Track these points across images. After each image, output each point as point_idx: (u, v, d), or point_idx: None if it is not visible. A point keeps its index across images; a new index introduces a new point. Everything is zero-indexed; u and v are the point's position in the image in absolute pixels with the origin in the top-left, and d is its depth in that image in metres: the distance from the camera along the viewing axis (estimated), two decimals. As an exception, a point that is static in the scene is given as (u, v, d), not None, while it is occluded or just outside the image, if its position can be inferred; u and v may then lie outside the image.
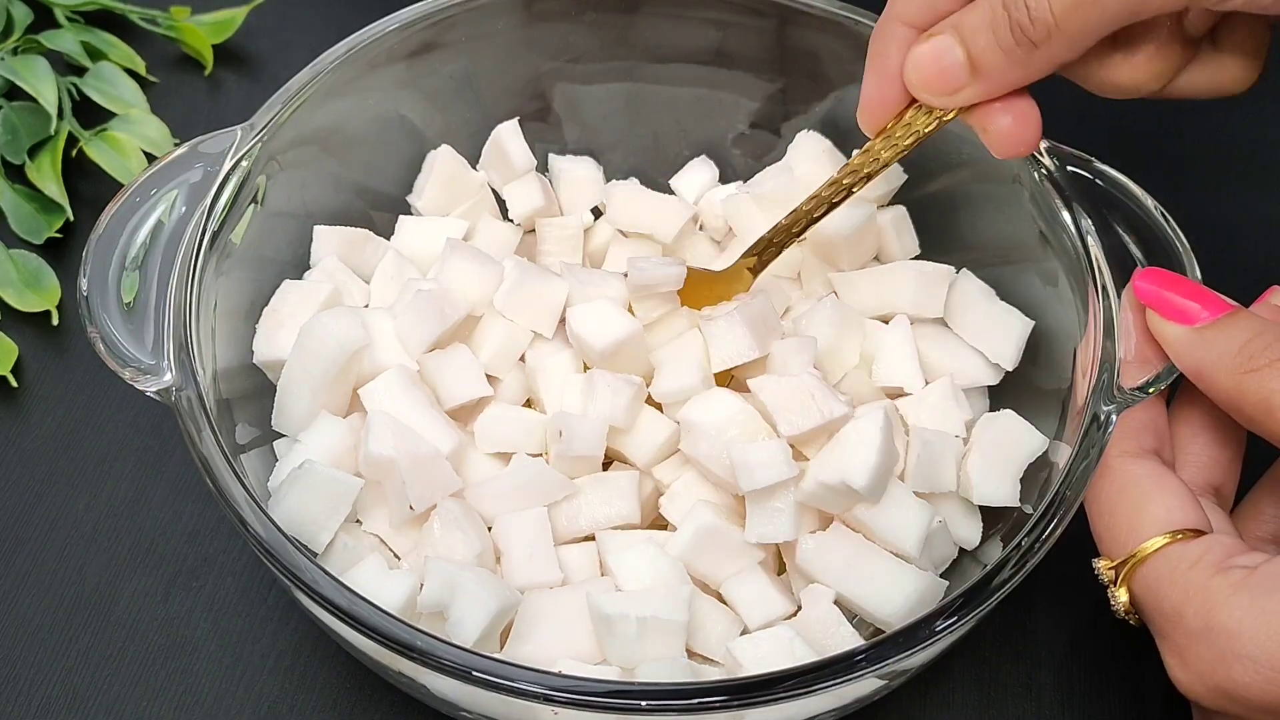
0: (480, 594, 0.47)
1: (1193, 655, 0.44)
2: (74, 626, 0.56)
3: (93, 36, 0.72)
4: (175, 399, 0.48)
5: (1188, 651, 0.44)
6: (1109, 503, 0.48)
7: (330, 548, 0.51)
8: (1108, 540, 0.47)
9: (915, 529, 0.50)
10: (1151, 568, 0.45)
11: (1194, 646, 0.44)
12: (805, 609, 0.50)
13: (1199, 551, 0.45)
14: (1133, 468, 0.48)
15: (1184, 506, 0.46)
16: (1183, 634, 0.44)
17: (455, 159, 0.61)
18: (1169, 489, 0.47)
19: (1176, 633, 0.44)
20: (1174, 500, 0.46)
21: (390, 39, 0.58)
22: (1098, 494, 0.48)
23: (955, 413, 0.54)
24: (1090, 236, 0.52)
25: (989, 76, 0.48)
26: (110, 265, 0.50)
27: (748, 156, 0.65)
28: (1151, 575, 0.45)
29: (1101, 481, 0.48)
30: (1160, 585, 0.45)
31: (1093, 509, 0.48)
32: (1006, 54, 0.47)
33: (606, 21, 0.62)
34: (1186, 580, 0.44)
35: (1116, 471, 0.48)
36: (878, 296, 0.57)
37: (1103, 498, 0.48)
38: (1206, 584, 0.44)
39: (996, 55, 0.47)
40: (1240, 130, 0.75)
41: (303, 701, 0.54)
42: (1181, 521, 0.46)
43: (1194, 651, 0.44)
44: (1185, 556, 0.45)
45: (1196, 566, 0.44)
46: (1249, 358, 0.46)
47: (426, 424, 0.52)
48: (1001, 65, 0.47)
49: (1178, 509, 0.46)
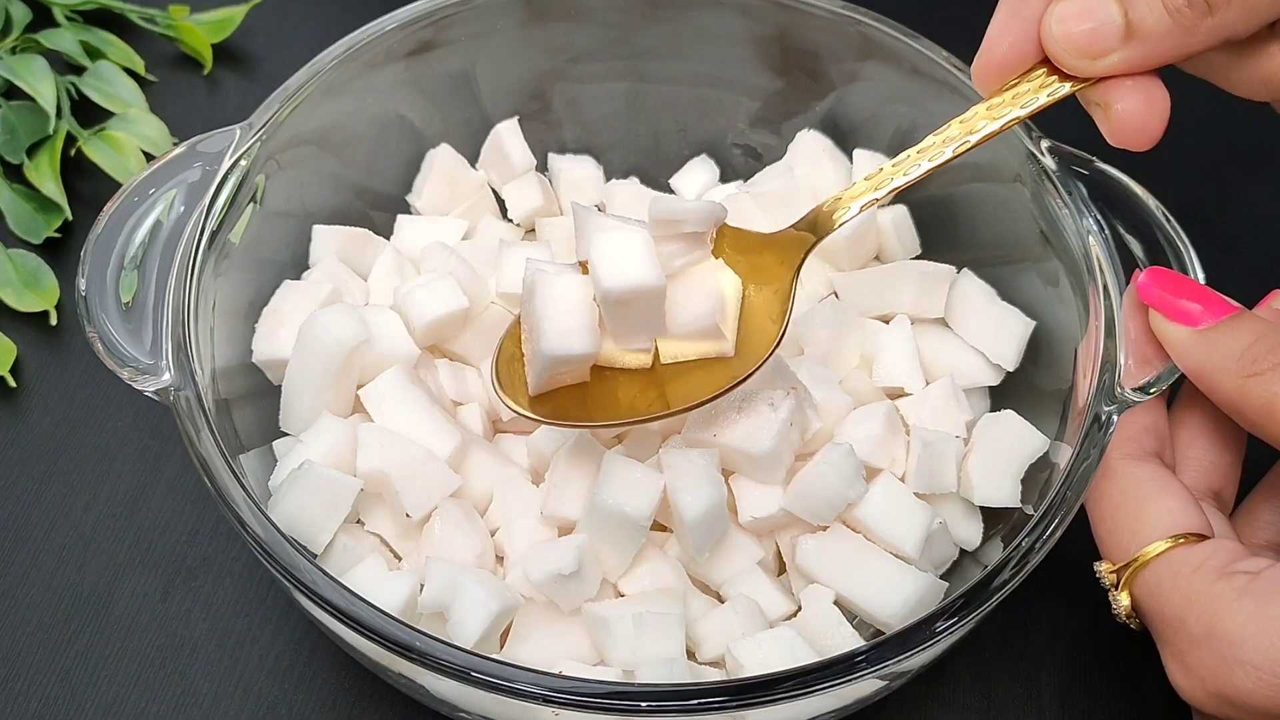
0: (481, 595, 0.47)
1: (1194, 660, 0.44)
2: (73, 626, 0.56)
3: (91, 36, 0.72)
4: (174, 399, 0.48)
5: (1189, 657, 0.44)
6: (1111, 505, 0.47)
7: (330, 548, 0.51)
8: (1109, 543, 0.47)
9: (915, 530, 0.50)
10: (1154, 572, 0.45)
11: (1196, 652, 0.44)
12: (805, 609, 0.50)
13: (1202, 556, 0.45)
14: (1135, 470, 0.47)
15: (1186, 510, 0.46)
16: (1185, 639, 0.44)
17: (455, 158, 0.61)
18: (1171, 492, 0.47)
19: (1178, 638, 0.44)
20: (1176, 504, 0.46)
21: (389, 38, 0.58)
22: (1099, 496, 0.48)
23: (956, 413, 0.54)
24: (1091, 236, 0.52)
25: (1144, 42, 0.44)
26: (109, 265, 0.50)
27: (748, 156, 0.65)
28: (1154, 579, 0.45)
29: (1103, 484, 0.48)
30: (1163, 590, 0.45)
31: (1094, 511, 0.48)
32: (1173, 17, 0.43)
33: (606, 21, 0.62)
34: (1189, 585, 0.44)
35: (1118, 474, 0.48)
36: (878, 297, 0.57)
37: (1104, 500, 0.48)
38: (1209, 589, 0.43)
39: (1160, 18, 0.43)
40: (1240, 130, 0.75)
41: (301, 702, 0.54)
42: (1184, 525, 0.46)
43: (1196, 657, 0.44)
44: (1188, 561, 0.45)
45: (1199, 571, 0.44)
46: (1252, 361, 0.45)
47: (426, 424, 0.52)
48: (1163, 31, 0.43)
49: (1180, 512, 0.46)
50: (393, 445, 0.50)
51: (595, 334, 0.47)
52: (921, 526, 0.50)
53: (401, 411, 0.52)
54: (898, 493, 0.50)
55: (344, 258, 0.58)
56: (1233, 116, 0.75)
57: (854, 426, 0.53)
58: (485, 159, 0.62)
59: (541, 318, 0.47)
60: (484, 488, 0.53)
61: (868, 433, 0.52)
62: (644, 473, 0.49)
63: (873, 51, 0.59)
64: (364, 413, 0.53)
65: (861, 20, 0.58)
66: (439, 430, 0.52)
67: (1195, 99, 0.78)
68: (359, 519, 0.52)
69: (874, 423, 0.52)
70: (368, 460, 0.50)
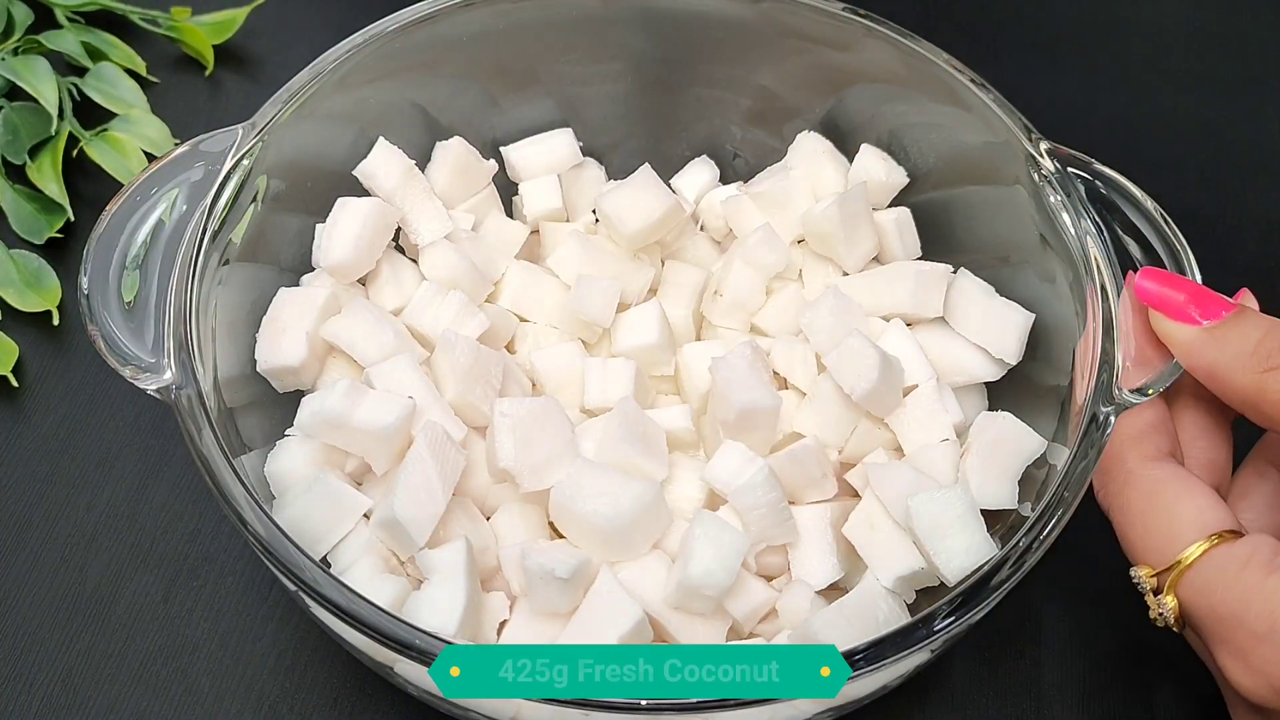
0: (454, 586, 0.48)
1: (1258, 658, 0.43)
2: (74, 626, 0.56)
3: (93, 37, 0.72)
4: (175, 397, 0.48)
5: (1252, 655, 0.44)
6: (1138, 510, 0.47)
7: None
8: (1143, 548, 0.47)
9: (901, 568, 0.51)
10: (1200, 573, 0.45)
11: (1260, 649, 0.43)
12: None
13: (1247, 552, 0.44)
14: (1155, 472, 0.47)
15: (1215, 508, 0.46)
16: (1246, 636, 0.44)
17: (466, 150, 0.61)
18: (1196, 491, 0.46)
19: (1238, 635, 0.44)
20: (1205, 502, 0.46)
21: (390, 39, 0.58)
22: (1125, 504, 0.47)
23: (942, 417, 0.54)
24: (1090, 238, 0.52)
25: None
26: (111, 264, 0.50)
27: (748, 156, 0.65)
28: (1201, 580, 0.45)
29: (1128, 491, 0.47)
30: (1214, 589, 0.45)
31: (1121, 519, 0.48)
32: None
33: (607, 21, 0.62)
34: (1242, 583, 0.44)
35: (1139, 477, 0.47)
36: (877, 298, 0.57)
37: (1130, 506, 0.47)
38: (1264, 585, 0.43)
39: None
40: (1240, 130, 0.75)
41: (303, 701, 0.55)
42: (1216, 523, 0.46)
43: (1260, 654, 0.43)
44: (1235, 558, 0.44)
45: (1249, 567, 0.44)
46: (1266, 355, 0.46)
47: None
48: None
49: (1209, 511, 0.46)
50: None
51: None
52: (908, 568, 0.51)
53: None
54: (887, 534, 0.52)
55: (402, 185, 0.58)
56: (1231, 119, 0.76)
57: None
58: (520, 149, 0.63)
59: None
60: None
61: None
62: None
63: (872, 53, 0.59)
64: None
65: (861, 21, 0.58)
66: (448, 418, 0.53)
67: (1194, 101, 0.79)
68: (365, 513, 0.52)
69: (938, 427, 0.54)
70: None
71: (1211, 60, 0.79)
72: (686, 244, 0.62)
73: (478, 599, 0.49)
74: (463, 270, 0.57)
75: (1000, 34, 0.80)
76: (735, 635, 0.51)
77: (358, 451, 0.51)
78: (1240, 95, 0.77)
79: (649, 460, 0.52)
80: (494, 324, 0.56)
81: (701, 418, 0.56)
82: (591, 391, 0.55)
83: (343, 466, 0.53)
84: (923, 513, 0.49)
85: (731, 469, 0.51)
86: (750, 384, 0.53)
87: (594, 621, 0.48)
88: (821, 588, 0.51)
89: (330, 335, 0.54)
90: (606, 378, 0.55)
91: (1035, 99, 0.62)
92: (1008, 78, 0.60)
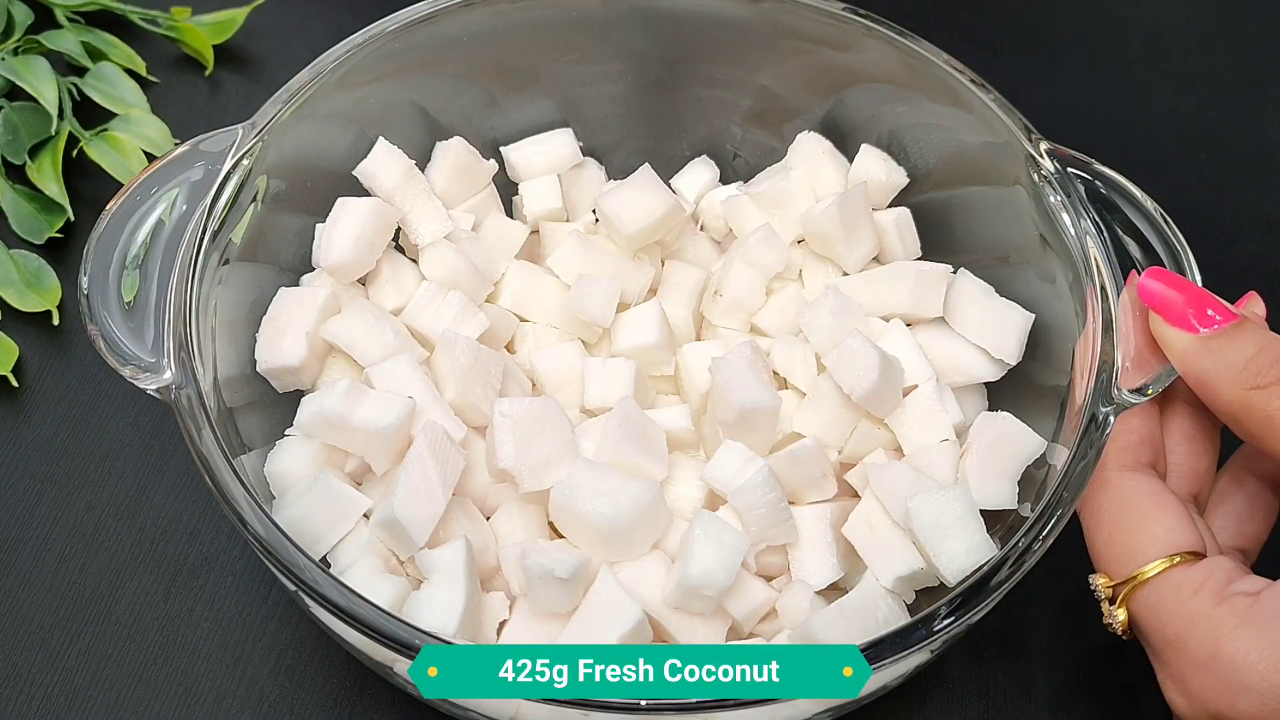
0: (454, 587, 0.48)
1: (1195, 684, 0.44)
2: (75, 626, 0.56)
3: (93, 37, 0.72)
4: (175, 397, 0.48)
5: (1190, 680, 0.44)
6: (1107, 519, 0.47)
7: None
8: (1106, 558, 0.47)
9: (901, 568, 0.50)
10: (1153, 591, 0.45)
11: (1198, 675, 0.44)
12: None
13: (1201, 577, 0.45)
14: (1131, 483, 0.47)
15: (1183, 528, 0.46)
16: (1186, 661, 0.44)
17: (466, 150, 0.61)
18: (1168, 508, 0.47)
19: (1178, 659, 0.45)
20: (1174, 521, 0.46)
21: (390, 39, 0.58)
22: (1097, 509, 0.48)
23: (942, 417, 0.54)
24: (1090, 238, 0.52)
25: None
26: (111, 263, 0.50)
27: (748, 156, 0.65)
28: (1153, 599, 0.45)
29: (1101, 497, 0.48)
30: (1163, 610, 0.45)
31: (1090, 524, 0.48)
32: None
33: (607, 21, 0.62)
34: (1191, 608, 0.44)
35: (1114, 486, 0.48)
36: (877, 298, 0.57)
37: (1102, 514, 0.48)
38: (1211, 613, 0.44)
39: None
40: (1240, 131, 0.75)
41: (303, 701, 0.55)
42: (1181, 544, 0.46)
43: (1197, 680, 0.44)
44: (1188, 582, 0.45)
45: (1199, 594, 0.44)
46: (1255, 373, 0.46)
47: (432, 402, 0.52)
48: None
49: (1177, 530, 0.46)
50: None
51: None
52: (907, 568, 0.51)
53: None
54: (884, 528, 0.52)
55: (401, 184, 0.58)
56: (1231, 119, 0.76)
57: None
58: (520, 149, 0.63)
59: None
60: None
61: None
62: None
63: (872, 53, 0.59)
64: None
65: (861, 21, 0.58)
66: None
67: (1194, 101, 0.79)
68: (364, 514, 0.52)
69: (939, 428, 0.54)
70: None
71: (1211, 60, 0.79)
72: (686, 244, 0.62)
73: (477, 599, 0.49)
74: (463, 270, 0.57)
75: (1000, 34, 0.80)
76: (735, 635, 0.51)
77: (358, 451, 0.51)
78: (1240, 95, 0.77)
79: (649, 460, 0.52)
80: (494, 324, 0.57)
81: (701, 418, 0.56)
82: (591, 391, 0.55)
83: (343, 466, 0.53)
84: (922, 513, 0.49)
85: (731, 469, 0.51)
86: (750, 384, 0.53)
87: (594, 621, 0.48)
88: (821, 588, 0.51)
89: (330, 335, 0.54)
90: (606, 378, 0.55)
91: (1035, 99, 0.62)
92: (1007, 78, 0.60)
